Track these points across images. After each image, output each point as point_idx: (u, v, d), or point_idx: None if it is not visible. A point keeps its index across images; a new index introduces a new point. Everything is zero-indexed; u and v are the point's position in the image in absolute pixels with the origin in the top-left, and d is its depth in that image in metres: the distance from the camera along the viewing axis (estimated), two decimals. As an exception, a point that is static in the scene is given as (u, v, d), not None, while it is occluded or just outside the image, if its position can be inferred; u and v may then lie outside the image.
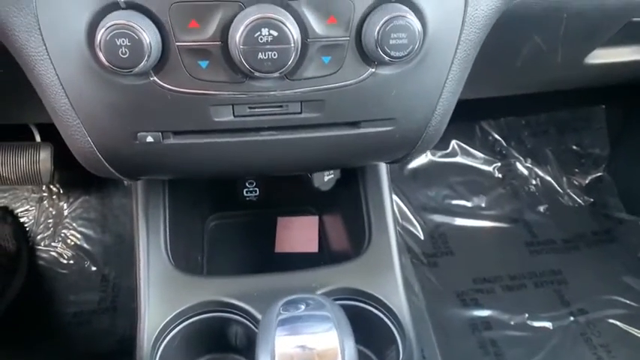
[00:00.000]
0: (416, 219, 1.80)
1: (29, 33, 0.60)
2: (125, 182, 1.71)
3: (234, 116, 0.65)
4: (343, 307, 0.72)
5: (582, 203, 1.88)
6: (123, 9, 0.58)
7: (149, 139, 0.64)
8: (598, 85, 1.33)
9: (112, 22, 0.56)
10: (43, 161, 1.52)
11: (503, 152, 1.96)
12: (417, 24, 0.60)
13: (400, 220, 1.78)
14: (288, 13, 0.59)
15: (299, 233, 1.21)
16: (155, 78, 0.61)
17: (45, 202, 1.80)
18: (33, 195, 1.80)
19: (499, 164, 1.94)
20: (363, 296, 0.86)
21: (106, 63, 0.57)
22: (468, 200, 1.86)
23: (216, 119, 0.65)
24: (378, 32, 0.60)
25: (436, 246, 1.74)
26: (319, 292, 0.84)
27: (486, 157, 1.94)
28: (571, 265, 1.68)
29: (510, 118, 1.93)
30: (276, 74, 0.60)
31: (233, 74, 0.61)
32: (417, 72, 0.65)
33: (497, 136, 1.96)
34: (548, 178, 1.92)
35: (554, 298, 1.58)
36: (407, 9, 0.61)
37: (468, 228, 1.80)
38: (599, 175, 1.91)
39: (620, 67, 1.12)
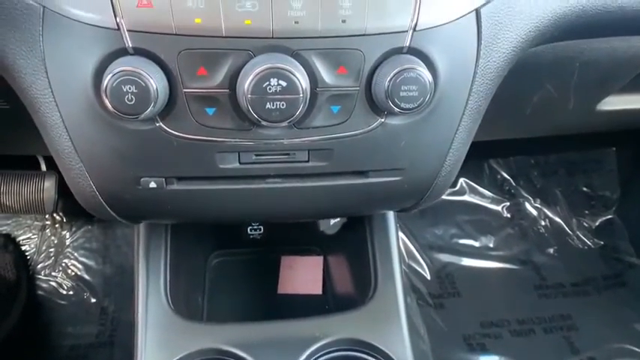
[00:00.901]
0: (422, 258, 1.77)
1: (36, 75, 0.59)
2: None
3: (240, 163, 0.64)
4: (347, 358, 0.69)
5: (592, 246, 1.85)
6: (131, 55, 0.57)
7: (152, 184, 0.63)
8: (609, 130, 1.31)
9: (119, 69, 0.55)
10: (48, 190, 1.51)
11: (512, 191, 1.94)
12: (428, 76, 0.59)
13: (406, 259, 1.75)
14: (297, 63, 0.58)
15: (303, 274, 1.19)
16: (161, 124, 0.60)
17: (47, 230, 1.79)
18: (36, 223, 1.79)
19: (508, 204, 1.91)
20: (368, 348, 0.83)
21: (112, 109, 0.56)
22: (475, 240, 1.84)
23: (222, 166, 0.63)
24: (389, 84, 0.58)
25: (443, 286, 1.70)
26: (323, 342, 0.81)
27: (495, 196, 1.92)
28: (581, 310, 1.64)
29: (519, 157, 1.91)
30: (284, 123, 0.58)
31: (240, 122, 0.60)
32: (427, 123, 0.64)
33: (506, 175, 1.94)
34: (558, 220, 1.90)
35: (564, 345, 1.53)
36: (418, 60, 0.60)
37: (476, 269, 1.76)
38: (610, 218, 1.88)
39: (632, 113, 1.10)
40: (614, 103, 1.06)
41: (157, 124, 0.60)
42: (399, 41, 0.60)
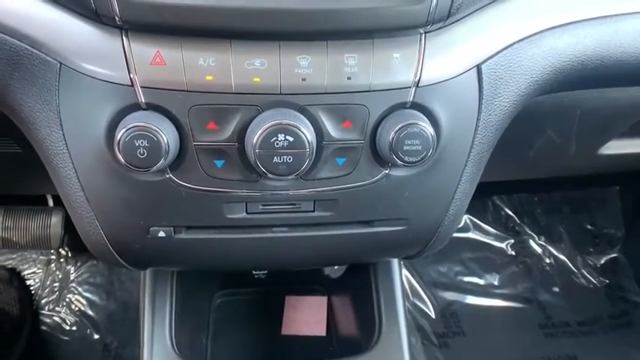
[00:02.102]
0: (427, 295, 1.76)
1: (51, 128, 0.61)
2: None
3: (247, 213, 0.65)
4: None
5: (597, 284, 1.84)
6: (143, 109, 0.59)
7: (161, 233, 0.64)
8: (612, 172, 1.32)
9: (132, 124, 0.57)
10: (54, 226, 1.52)
11: (516, 229, 1.94)
12: (430, 131, 0.61)
13: (411, 297, 1.75)
14: (304, 117, 0.60)
15: (307, 314, 1.19)
16: (171, 175, 0.62)
17: (52, 264, 1.80)
18: (41, 257, 1.80)
19: (512, 241, 1.91)
20: None
21: (124, 162, 0.58)
22: (480, 277, 1.83)
23: (229, 216, 0.65)
24: (393, 138, 0.60)
25: (447, 325, 1.69)
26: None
27: (499, 233, 1.92)
28: (587, 350, 1.62)
29: (523, 194, 1.92)
30: (291, 176, 0.60)
31: (248, 173, 0.62)
32: (430, 174, 0.66)
33: (510, 212, 1.95)
34: (562, 257, 1.89)
35: (571, 385, 1.51)
36: (421, 115, 0.62)
37: (481, 307, 1.75)
38: (615, 257, 1.87)
39: (634, 157, 1.12)
40: (616, 147, 1.07)
41: (167, 176, 0.62)
42: (403, 96, 0.62)
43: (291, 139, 0.58)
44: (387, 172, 0.65)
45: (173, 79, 0.58)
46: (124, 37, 0.58)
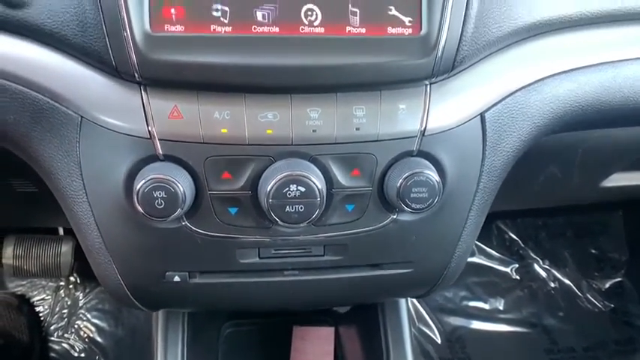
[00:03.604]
0: (433, 321, 1.77)
1: (71, 178, 0.64)
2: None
3: (260, 258, 0.67)
4: None
5: (602, 308, 1.84)
6: (161, 160, 0.62)
7: (176, 278, 0.67)
8: (615, 201, 1.34)
9: (151, 176, 0.59)
10: (64, 254, 1.54)
11: (521, 252, 1.95)
12: (436, 178, 0.63)
13: (416, 322, 1.75)
14: (315, 167, 0.62)
15: (315, 345, 1.20)
16: (186, 222, 0.64)
17: (61, 291, 1.81)
18: (50, 284, 1.81)
19: (517, 265, 1.92)
20: None
21: (143, 212, 0.60)
22: (485, 302, 1.84)
23: (242, 261, 0.67)
24: (400, 186, 0.63)
25: (453, 351, 1.70)
26: None
27: (504, 257, 1.93)
28: (592, 376, 1.62)
29: (527, 219, 1.93)
30: (303, 224, 0.62)
31: (260, 220, 0.64)
32: (436, 219, 0.68)
33: (514, 237, 1.96)
34: (567, 281, 1.90)
35: (578, 415, 1.51)
36: (427, 163, 0.64)
37: (486, 332, 1.76)
38: (619, 281, 1.88)
39: (636, 188, 1.13)
40: (618, 179, 1.09)
41: (183, 223, 0.64)
42: (409, 145, 0.64)
43: (302, 189, 0.60)
44: (394, 217, 0.67)
45: (190, 131, 0.61)
46: (142, 91, 0.61)
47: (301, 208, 0.61)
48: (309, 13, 0.60)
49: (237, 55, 0.59)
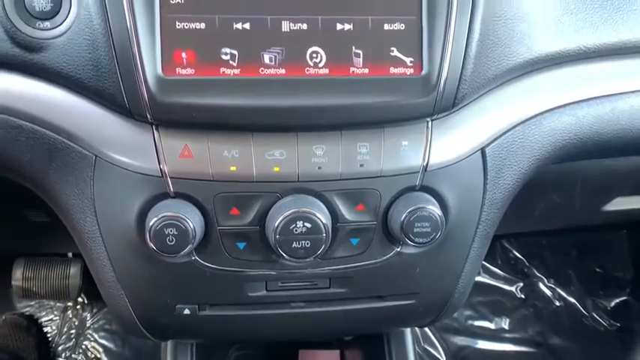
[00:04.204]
0: (438, 341, 1.77)
1: (85, 214, 0.66)
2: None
3: (267, 291, 0.69)
4: None
5: (608, 327, 1.84)
6: (172, 197, 0.64)
7: (186, 311, 0.69)
8: (618, 222, 1.35)
9: (162, 214, 0.61)
10: (73, 277, 1.56)
11: (525, 271, 1.95)
12: (439, 213, 0.65)
13: (422, 342, 1.76)
14: (320, 202, 0.64)
15: (320, 368, 1.21)
16: (196, 257, 0.66)
17: (69, 312, 1.83)
18: (58, 304, 1.83)
19: (521, 284, 1.92)
20: None
21: (155, 249, 0.62)
22: (490, 321, 1.84)
23: (250, 294, 0.69)
24: (403, 221, 0.64)
25: (459, 371, 1.70)
26: None
27: (508, 276, 1.93)
28: (600, 397, 1.61)
29: (531, 237, 1.94)
30: (309, 259, 0.64)
31: (268, 254, 0.66)
32: (439, 251, 0.70)
33: (518, 255, 1.96)
34: (572, 300, 1.90)
35: None
36: (430, 197, 0.66)
37: (492, 352, 1.76)
38: (625, 299, 1.88)
39: (638, 212, 1.15)
40: (620, 203, 1.10)
41: (193, 258, 0.66)
42: (412, 180, 0.66)
43: (308, 225, 0.62)
44: (398, 250, 0.69)
45: (200, 170, 0.63)
46: (154, 131, 0.63)
47: (307, 243, 0.63)
48: (314, 55, 0.63)
49: (245, 97, 0.61)
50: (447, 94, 0.64)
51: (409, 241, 0.65)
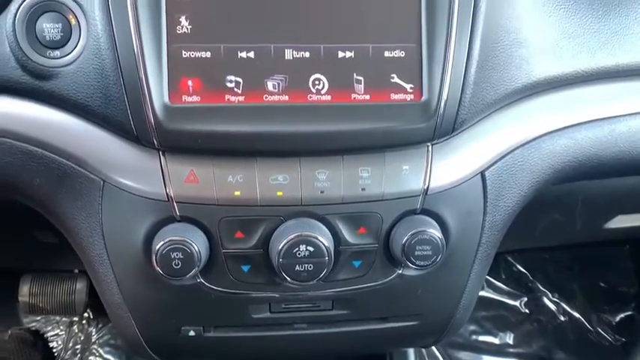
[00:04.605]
0: (442, 356, 1.77)
1: (93, 237, 0.68)
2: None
3: (271, 312, 0.70)
4: None
5: (613, 342, 1.83)
6: (178, 221, 0.65)
7: (192, 332, 0.70)
8: (620, 239, 1.36)
9: (169, 238, 0.63)
10: (79, 292, 1.56)
11: (529, 285, 1.95)
12: (439, 236, 0.66)
13: (426, 358, 1.76)
14: (323, 226, 0.66)
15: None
16: (201, 280, 0.68)
17: (75, 326, 1.84)
18: (64, 319, 1.84)
19: (525, 299, 1.92)
20: None
21: (161, 272, 0.63)
22: (495, 336, 1.83)
23: (254, 316, 0.70)
24: (404, 244, 0.66)
25: (463, 386, 1.69)
26: None
27: (512, 290, 1.93)
28: (605, 413, 1.61)
29: (534, 252, 1.94)
30: (312, 282, 0.65)
31: (271, 277, 0.68)
32: (440, 273, 0.71)
33: (522, 269, 1.96)
34: (577, 315, 1.89)
35: None
36: (430, 220, 0.68)
37: (497, 367, 1.76)
38: (630, 314, 1.87)
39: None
40: (622, 221, 1.11)
41: (198, 280, 0.67)
42: (413, 204, 0.68)
43: (311, 249, 0.64)
44: (400, 272, 0.70)
45: (205, 194, 0.65)
46: (161, 156, 0.65)
47: (310, 267, 0.64)
48: (317, 82, 0.64)
49: (250, 124, 0.63)
50: (446, 119, 0.65)
51: (410, 264, 0.66)
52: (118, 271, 0.68)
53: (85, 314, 1.81)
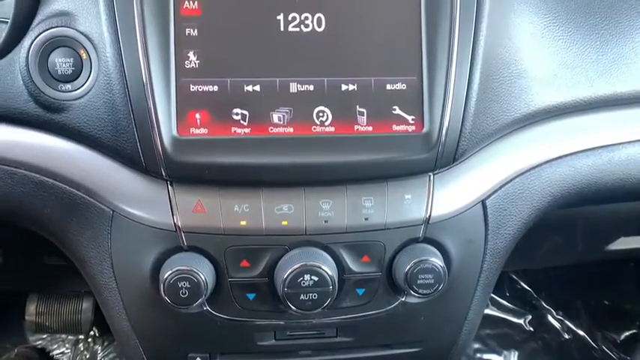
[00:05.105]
0: (447, 375, 1.77)
1: (102, 266, 0.69)
2: None
3: (276, 340, 0.71)
4: None
5: (618, 360, 1.83)
6: (185, 251, 0.67)
7: (198, 359, 0.71)
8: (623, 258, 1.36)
9: (176, 268, 0.64)
10: (85, 311, 1.58)
11: (534, 303, 1.94)
12: (441, 265, 0.67)
13: (430, 377, 1.75)
14: (327, 255, 0.67)
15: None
16: (208, 308, 0.69)
17: (80, 344, 1.84)
18: (69, 337, 1.84)
19: (530, 316, 1.91)
20: None
21: (168, 301, 0.65)
22: (499, 355, 1.83)
23: (260, 343, 0.71)
24: (407, 272, 0.67)
25: (469, 406, 1.69)
26: None
27: (517, 308, 1.92)
28: None
29: (538, 269, 1.94)
30: (316, 311, 0.66)
31: (276, 305, 0.69)
32: (443, 300, 0.72)
33: (526, 287, 1.96)
34: (581, 333, 1.88)
35: None
36: (433, 249, 0.69)
37: (502, 386, 1.75)
38: (635, 332, 1.87)
39: (641, 250, 1.16)
40: (625, 243, 1.11)
41: (205, 308, 0.69)
42: (415, 232, 0.69)
43: (315, 278, 0.65)
44: (403, 299, 0.71)
45: (212, 224, 0.66)
46: (169, 187, 0.66)
47: (315, 296, 0.65)
48: (321, 114, 0.66)
49: (255, 155, 0.64)
50: (447, 149, 0.66)
51: (413, 292, 0.67)
52: (127, 299, 0.69)
53: (91, 332, 1.82)
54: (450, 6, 0.65)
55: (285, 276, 0.65)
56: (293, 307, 0.66)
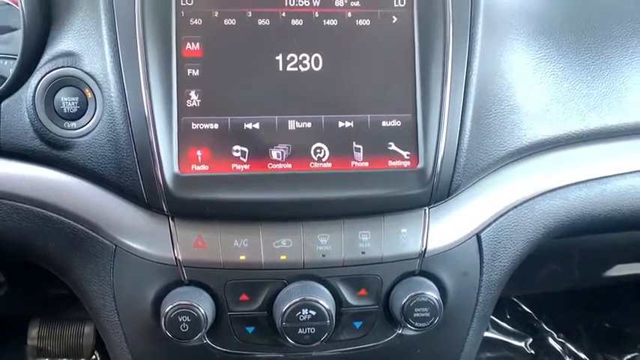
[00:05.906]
0: (448, 400, 1.76)
1: (105, 299, 0.71)
2: None
3: (274, 372, 0.72)
4: None
5: (621, 384, 1.82)
6: (185, 285, 0.68)
7: (198, 392, 0.72)
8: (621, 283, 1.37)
9: (177, 302, 0.66)
10: (87, 336, 1.58)
11: (534, 325, 1.94)
12: (437, 298, 0.69)
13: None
14: (324, 288, 0.68)
15: None
16: (208, 341, 0.70)
17: (82, 367, 1.84)
18: (71, 360, 1.84)
19: (531, 339, 1.91)
20: None
21: (169, 335, 0.66)
22: (500, 379, 1.82)
23: (259, 375, 0.72)
24: (403, 306, 0.68)
25: None
26: None
27: (517, 331, 1.92)
28: None
29: (538, 292, 1.94)
30: (314, 344, 0.68)
31: (275, 338, 0.70)
32: (439, 332, 0.73)
33: (526, 309, 1.95)
34: (583, 356, 1.88)
35: None
36: (428, 282, 0.70)
37: (503, 411, 1.74)
38: (636, 356, 1.86)
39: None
40: (621, 269, 1.12)
41: (204, 342, 0.70)
42: (411, 266, 0.70)
43: (313, 312, 0.66)
44: (399, 332, 0.72)
45: (212, 259, 0.68)
46: (170, 222, 0.68)
47: (313, 330, 0.66)
48: (318, 150, 0.68)
49: (254, 191, 0.66)
50: (442, 184, 0.68)
51: (409, 325, 0.69)
52: (128, 332, 0.71)
53: (93, 357, 1.82)
54: (443, 45, 0.68)
55: (283, 310, 0.66)
56: (291, 341, 0.67)
